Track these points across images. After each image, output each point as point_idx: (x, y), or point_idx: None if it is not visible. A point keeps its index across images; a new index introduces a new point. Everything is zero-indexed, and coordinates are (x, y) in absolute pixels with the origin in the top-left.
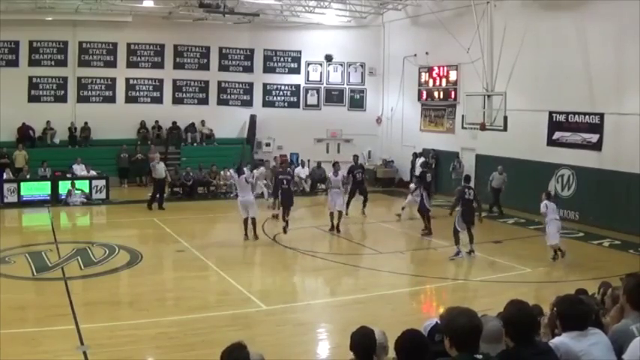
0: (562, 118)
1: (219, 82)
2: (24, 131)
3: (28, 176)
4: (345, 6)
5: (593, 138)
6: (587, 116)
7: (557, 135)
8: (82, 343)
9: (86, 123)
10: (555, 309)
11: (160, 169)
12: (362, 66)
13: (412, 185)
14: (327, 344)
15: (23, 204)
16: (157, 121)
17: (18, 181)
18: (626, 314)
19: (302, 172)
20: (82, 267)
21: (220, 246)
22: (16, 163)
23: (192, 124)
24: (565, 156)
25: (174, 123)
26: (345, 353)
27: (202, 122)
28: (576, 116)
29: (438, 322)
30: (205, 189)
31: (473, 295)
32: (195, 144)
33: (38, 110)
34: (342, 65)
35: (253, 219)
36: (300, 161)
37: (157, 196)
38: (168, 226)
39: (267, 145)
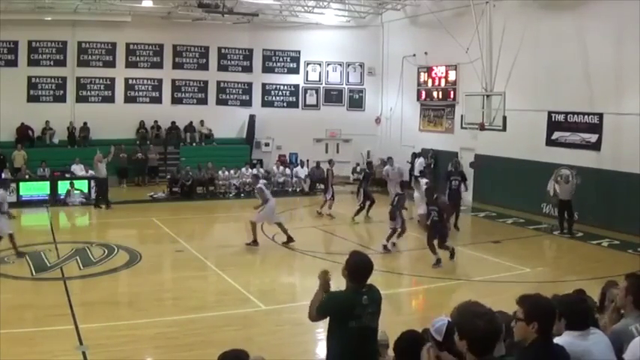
0: (561, 118)
1: (218, 82)
2: (23, 131)
3: (27, 176)
4: (344, 6)
5: (592, 138)
6: (586, 116)
7: (556, 135)
8: (81, 343)
9: (85, 123)
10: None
11: (102, 169)
12: (361, 66)
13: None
14: (325, 344)
15: (22, 204)
16: (155, 121)
17: (17, 180)
18: (626, 314)
19: (301, 172)
20: (81, 267)
21: (219, 246)
22: (15, 163)
23: (191, 124)
24: (564, 156)
25: (173, 123)
26: None
27: (201, 122)
28: (575, 116)
29: (450, 320)
30: (204, 189)
31: (472, 295)
32: (194, 144)
33: (37, 110)
34: (341, 65)
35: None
36: (299, 161)
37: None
38: (167, 226)
39: (267, 145)
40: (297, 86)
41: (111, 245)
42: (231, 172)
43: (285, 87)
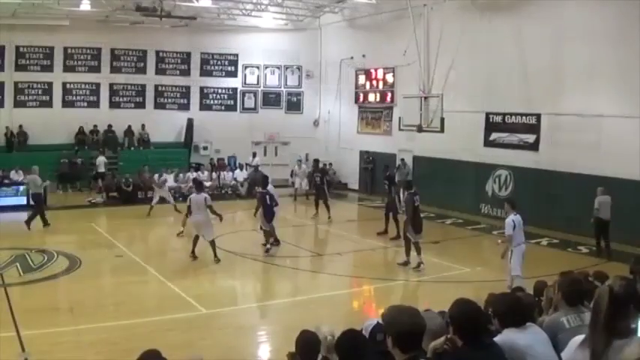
0: (499, 119)
1: (156, 86)
2: None
3: None
4: (282, 9)
5: (530, 138)
6: (523, 117)
7: (494, 136)
8: (23, 349)
9: (21, 127)
10: (502, 303)
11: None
12: (299, 69)
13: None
14: (268, 347)
15: None
16: (95, 126)
17: None
18: (558, 308)
19: (240, 175)
20: (21, 273)
21: (158, 251)
22: None
23: (130, 128)
24: (502, 156)
25: (109, 126)
26: (285, 355)
27: (143, 126)
28: (513, 117)
29: (379, 321)
30: (144, 194)
31: (413, 295)
32: (132, 148)
33: None
34: (279, 68)
35: None
36: (237, 164)
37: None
38: (106, 231)
39: (205, 148)
40: (235, 89)
41: (50, 251)
42: (166, 175)
43: (224, 90)
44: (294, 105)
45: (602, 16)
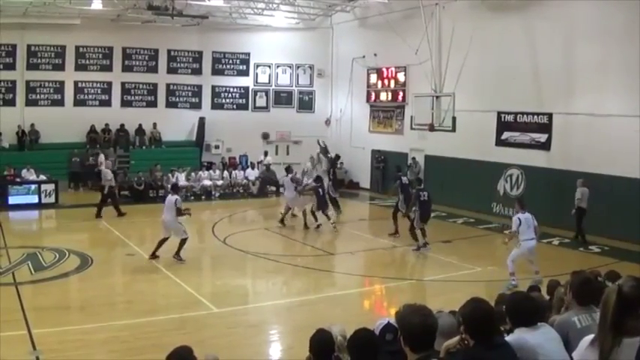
0: (510, 118)
1: (168, 85)
2: None
3: None
4: (294, 8)
5: (542, 138)
6: (535, 116)
7: (505, 135)
8: (34, 348)
9: (32, 125)
10: (504, 305)
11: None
12: (311, 68)
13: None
14: (278, 345)
15: None
16: (107, 124)
17: None
18: (570, 307)
19: (251, 174)
20: (33, 272)
21: (170, 249)
22: None
23: (141, 127)
24: (514, 156)
25: (121, 126)
26: (296, 354)
27: (154, 125)
28: (525, 116)
29: (390, 321)
30: (155, 192)
31: (424, 294)
32: (144, 147)
33: None
34: (290, 67)
35: None
36: (249, 163)
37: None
38: (118, 229)
39: (217, 147)
40: (246, 88)
41: (62, 250)
42: (180, 174)
43: (235, 89)
44: (306, 104)
45: (613, 15)
